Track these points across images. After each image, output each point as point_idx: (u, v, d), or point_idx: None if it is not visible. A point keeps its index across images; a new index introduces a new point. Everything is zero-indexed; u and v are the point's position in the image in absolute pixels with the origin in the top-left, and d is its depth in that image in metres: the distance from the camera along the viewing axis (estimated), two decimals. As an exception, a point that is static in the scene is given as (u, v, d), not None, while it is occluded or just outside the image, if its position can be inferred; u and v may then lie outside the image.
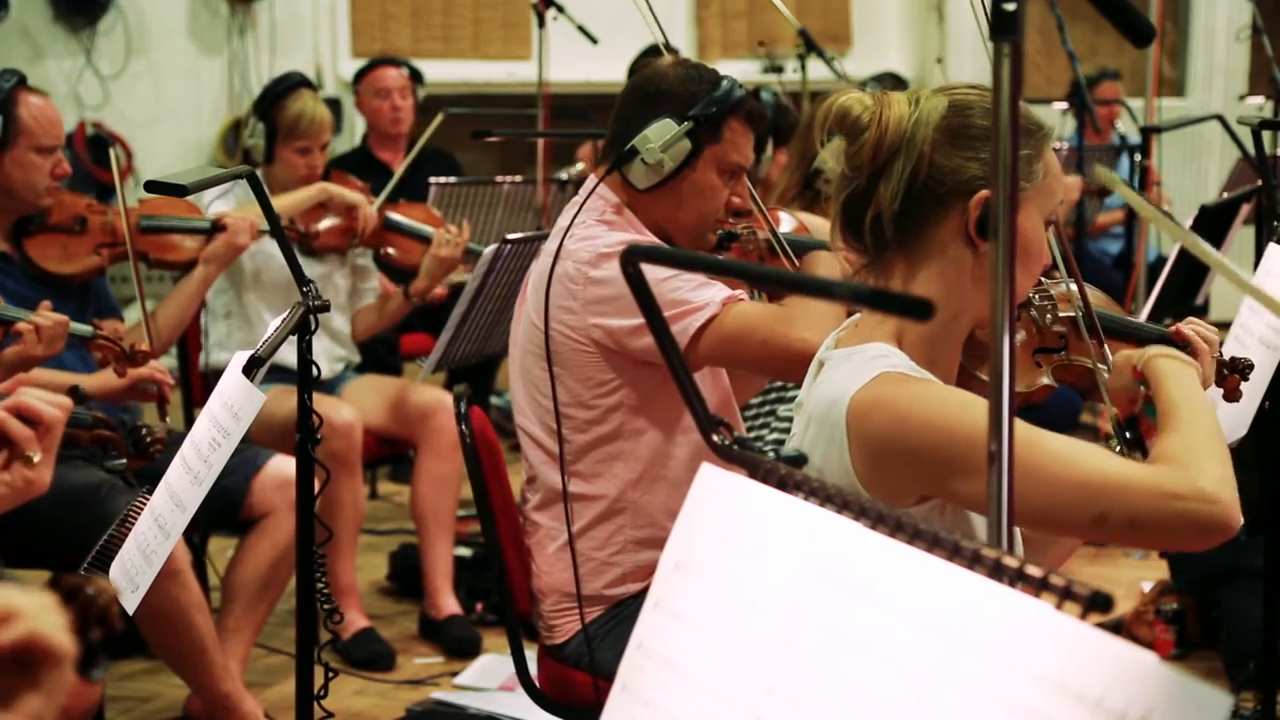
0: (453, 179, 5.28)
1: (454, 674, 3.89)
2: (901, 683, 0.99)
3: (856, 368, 1.79)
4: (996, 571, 1.00)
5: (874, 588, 1.03)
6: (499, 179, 5.32)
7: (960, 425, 1.68)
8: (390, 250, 4.38)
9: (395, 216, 4.37)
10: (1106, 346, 2.12)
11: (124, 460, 1.62)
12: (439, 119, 4.62)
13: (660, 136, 2.66)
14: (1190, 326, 2.14)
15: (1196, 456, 1.68)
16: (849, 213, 1.90)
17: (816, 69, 5.30)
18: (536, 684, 2.71)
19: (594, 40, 5.36)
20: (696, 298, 2.53)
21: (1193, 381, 1.88)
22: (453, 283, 4.45)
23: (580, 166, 5.91)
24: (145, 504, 2.34)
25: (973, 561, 1.01)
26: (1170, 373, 1.88)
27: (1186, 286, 4.35)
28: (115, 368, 3.23)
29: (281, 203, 3.92)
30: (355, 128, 7.91)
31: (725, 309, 2.53)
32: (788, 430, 3.39)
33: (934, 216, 1.84)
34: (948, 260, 1.85)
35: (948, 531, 1.04)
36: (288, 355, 2.63)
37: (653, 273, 1.25)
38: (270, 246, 4.01)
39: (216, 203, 4.03)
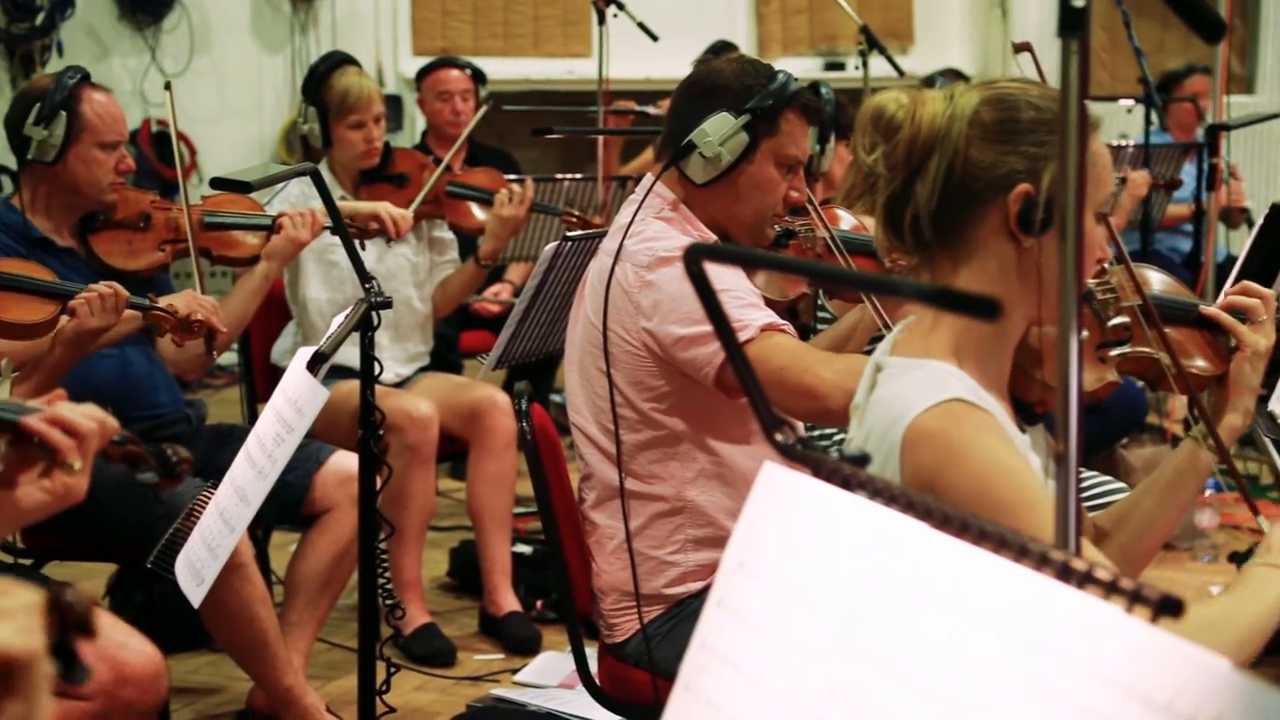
0: (512, 175, 5.29)
1: (514, 671, 3.90)
2: (966, 684, 0.99)
3: (920, 386, 1.76)
4: (1064, 574, 0.99)
5: (939, 588, 1.02)
6: (559, 176, 5.33)
7: (1001, 493, 1.67)
8: (457, 217, 4.42)
9: (459, 183, 4.41)
10: (1172, 333, 2.09)
11: (155, 475, 1.64)
12: (482, 110, 4.66)
13: (717, 130, 2.65)
14: (1241, 293, 2.11)
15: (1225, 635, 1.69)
16: (889, 214, 1.88)
17: (878, 66, 5.28)
18: (597, 682, 2.71)
19: (654, 37, 5.35)
20: (739, 315, 2.53)
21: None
22: (505, 299, 4.48)
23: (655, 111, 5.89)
24: (210, 498, 2.36)
25: (1040, 563, 1.00)
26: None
27: (1261, 281, 4.29)
28: (174, 338, 3.27)
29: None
30: (415, 124, 7.95)
31: (761, 335, 2.52)
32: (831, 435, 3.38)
33: (972, 213, 1.82)
34: (991, 257, 1.82)
35: (1014, 532, 1.03)
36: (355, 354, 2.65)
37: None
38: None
39: (276, 201, 4.06)
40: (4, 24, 7.31)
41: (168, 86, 3.80)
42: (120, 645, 2.60)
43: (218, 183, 2.67)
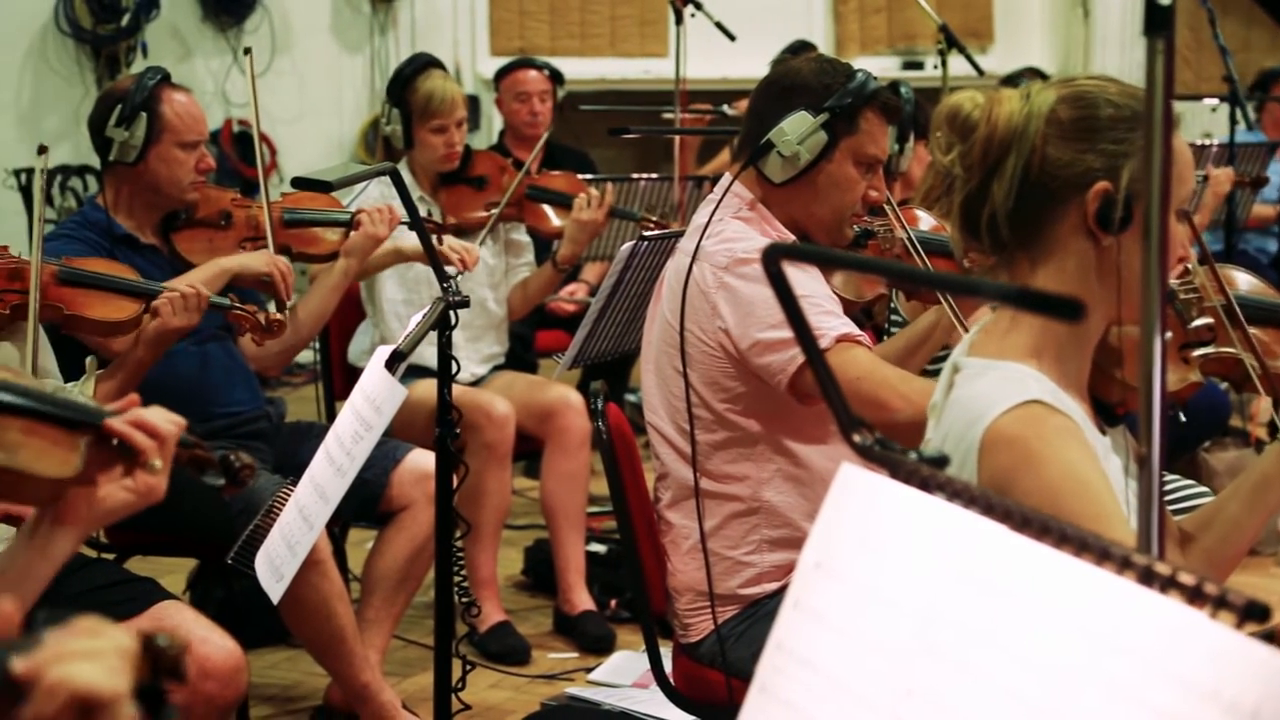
0: (589, 175, 5.30)
1: (588, 670, 3.90)
2: (1044, 685, 0.98)
3: (999, 387, 1.75)
4: (1147, 578, 0.97)
5: (1018, 590, 1.01)
6: (635, 176, 5.33)
7: (1072, 505, 1.66)
8: (536, 221, 4.43)
9: (537, 187, 4.42)
10: (1257, 334, 2.07)
11: (222, 480, 1.68)
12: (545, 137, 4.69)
13: (796, 129, 2.65)
14: None
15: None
16: (966, 214, 1.86)
17: (957, 65, 5.24)
18: (671, 682, 2.71)
19: (731, 37, 5.34)
20: (817, 323, 2.52)
21: None
22: (581, 299, 4.49)
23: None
24: (290, 495, 2.39)
25: (1122, 567, 0.99)
26: None
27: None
28: (253, 338, 3.32)
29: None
30: (492, 125, 7.99)
31: (838, 344, 2.51)
32: None
33: (1050, 212, 1.80)
34: (1069, 256, 1.80)
35: (1096, 535, 1.01)
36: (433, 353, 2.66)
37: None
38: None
39: (355, 202, 4.09)
40: (90, 25, 7.42)
41: (248, 52, 3.85)
42: (201, 640, 2.63)
43: (299, 182, 2.69)
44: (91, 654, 0.99)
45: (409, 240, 4.00)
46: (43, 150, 3.15)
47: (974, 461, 1.73)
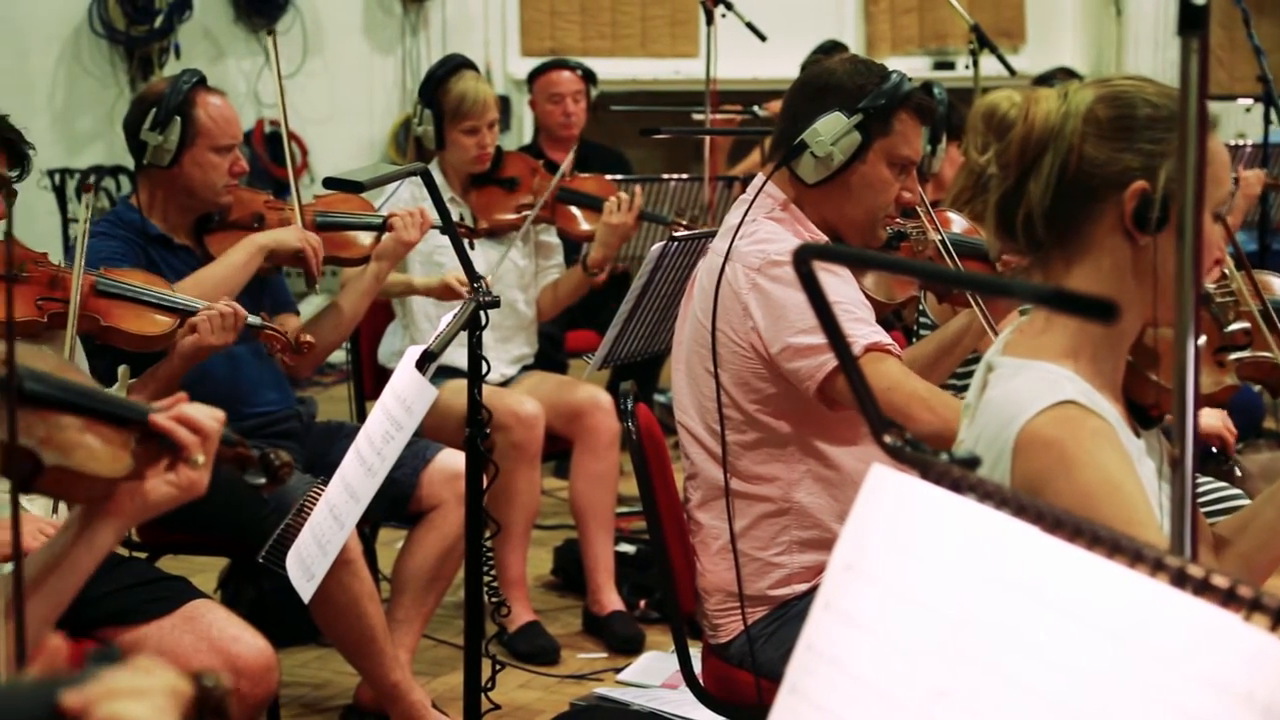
0: (619, 176, 5.30)
1: (617, 670, 3.90)
2: (1077, 688, 0.97)
3: (1034, 386, 1.74)
4: (1179, 580, 0.97)
5: (1050, 592, 1.01)
6: (665, 176, 5.33)
7: (1105, 510, 1.65)
8: (566, 223, 4.43)
9: (569, 189, 4.43)
10: None
11: (263, 479, 1.71)
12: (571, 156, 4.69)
13: (830, 130, 2.64)
14: None
15: None
16: (1001, 213, 1.86)
17: (989, 65, 5.22)
18: (700, 682, 2.71)
19: (762, 37, 5.34)
20: (848, 330, 2.51)
21: None
22: (618, 260, 4.49)
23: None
24: (320, 495, 2.39)
25: (1155, 569, 0.98)
26: None
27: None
28: (280, 358, 3.34)
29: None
30: (523, 125, 8.00)
31: (867, 354, 2.51)
32: None
33: (1087, 211, 1.79)
34: (1105, 255, 1.80)
35: (1128, 538, 1.01)
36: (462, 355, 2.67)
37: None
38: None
39: (386, 204, 4.10)
40: (123, 26, 7.46)
41: (271, 33, 3.86)
42: (233, 639, 2.64)
43: (330, 182, 2.70)
44: (141, 693, 1.00)
45: (422, 275, 4.05)
46: (86, 188, 3.24)
47: (1007, 462, 1.72)
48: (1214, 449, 2.49)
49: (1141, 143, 1.77)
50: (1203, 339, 2.05)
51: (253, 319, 3.21)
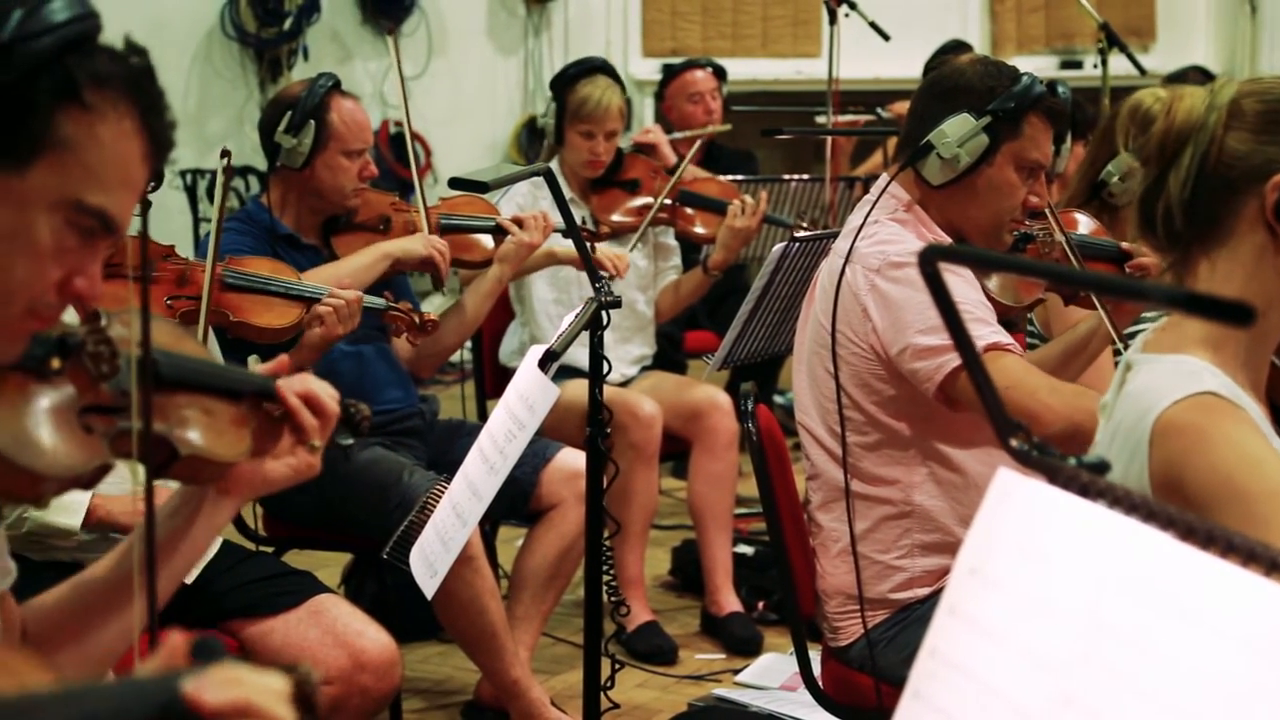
0: (740, 176, 5.29)
1: (735, 671, 3.90)
2: (1209, 698, 0.95)
3: (1170, 379, 1.72)
4: (1317, 590, 0.95)
5: (1183, 600, 0.99)
6: (786, 177, 5.31)
7: (1246, 482, 1.62)
8: (687, 225, 4.44)
9: (690, 192, 4.44)
10: None
11: (350, 440, 1.69)
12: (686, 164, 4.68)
13: (957, 132, 2.62)
14: None
15: None
16: (1143, 208, 1.84)
17: (1118, 64, 5.14)
18: (820, 685, 2.70)
19: (886, 37, 5.30)
20: (970, 330, 2.47)
21: None
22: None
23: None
24: (444, 492, 2.42)
25: (1291, 578, 0.96)
26: None
27: None
28: (408, 338, 3.38)
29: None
30: (645, 125, 8.01)
31: (987, 353, 2.47)
32: None
33: (1227, 204, 1.76)
34: (1245, 249, 1.76)
35: (1264, 545, 0.99)
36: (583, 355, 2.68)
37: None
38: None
39: (504, 201, 4.13)
40: (254, 29, 7.59)
41: (391, 33, 3.88)
42: (358, 633, 2.68)
43: (456, 183, 2.73)
44: (259, 682, 1.02)
45: (563, 242, 4.03)
46: (225, 154, 3.04)
47: (1145, 453, 1.70)
48: None
49: None
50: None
51: (375, 301, 3.27)
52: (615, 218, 4.35)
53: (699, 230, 4.47)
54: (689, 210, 4.45)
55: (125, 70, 1.38)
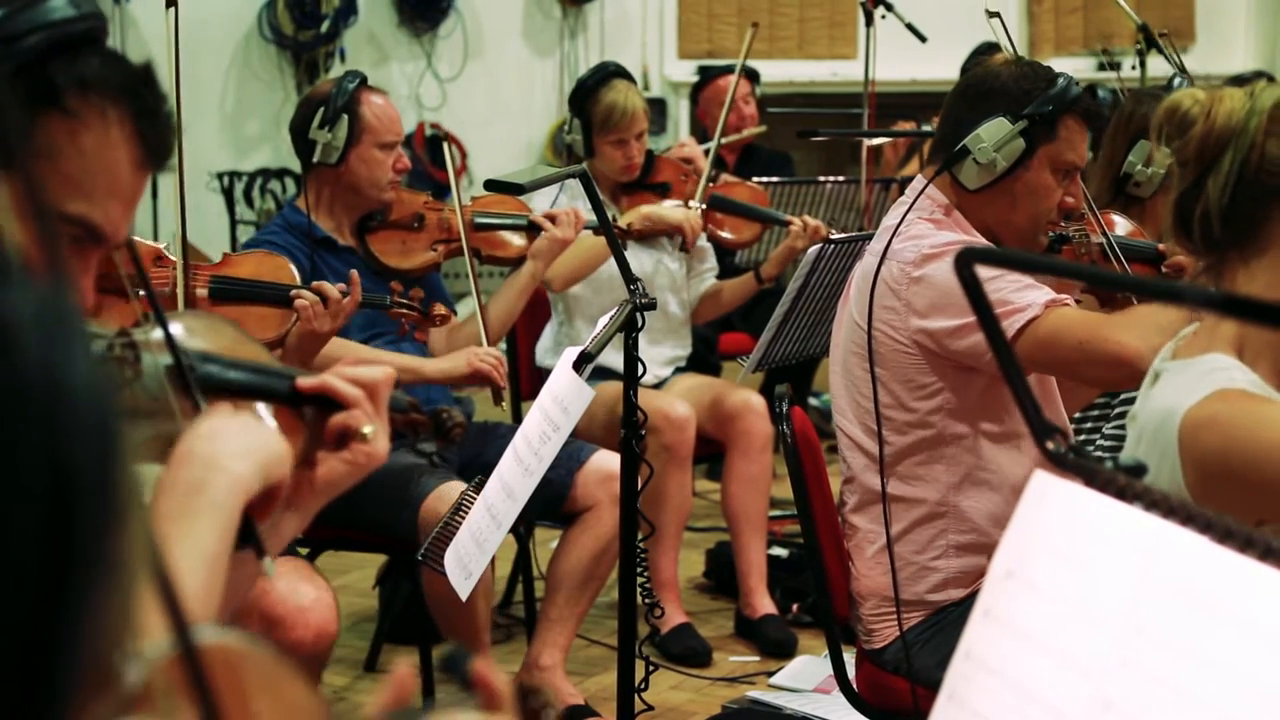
0: (775, 178, 5.28)
1: (770, 673, 3.89)
2: (1249, 703, 0.95)
3: (1192, 381, 1.71)
4: (1359, 594, 0.94)
5: (1221, 604, 0.98)
6: (822, 178, 5.30)
7: None
8: (721, 231, 4.44)
9: (721, 196, 4.43)
10: None
11: (434, 443, 1.63)
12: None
13: (993, 135, 2.60)
14: None
15: None
16: (1180, 211, 1.82)
17: (1156, 66, 5.11)
18: (854, 687, 2.69)
19: (923, 38, 5.29)
20: (1019, 299, 2.46)
21: None
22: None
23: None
24: (478, 494, 2.42)
25: (1332, 583, 0.95)
26: None
27: None
28: (418, 335, 3.38)
29: None
30: (679, 128, 8.02)
31: (1047, 311, 2.45)
32: (1111, 447, 3.28)
33: (1266, 209, 1.75)
34: None
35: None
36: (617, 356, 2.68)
37: (979, 272, 1.22)
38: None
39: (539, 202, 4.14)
40: (292, 31, 7.63)
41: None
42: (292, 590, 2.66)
43: (492, 184, 2.73)
44: None
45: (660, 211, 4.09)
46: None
47: (1175, 457, 1.69)
48: None
49: None
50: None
51: (375, 296, 3.26)
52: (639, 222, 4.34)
53: (726, 235, 4.46)
54: (719, 215, 4.45)
55: (120, 74, 1.32)
